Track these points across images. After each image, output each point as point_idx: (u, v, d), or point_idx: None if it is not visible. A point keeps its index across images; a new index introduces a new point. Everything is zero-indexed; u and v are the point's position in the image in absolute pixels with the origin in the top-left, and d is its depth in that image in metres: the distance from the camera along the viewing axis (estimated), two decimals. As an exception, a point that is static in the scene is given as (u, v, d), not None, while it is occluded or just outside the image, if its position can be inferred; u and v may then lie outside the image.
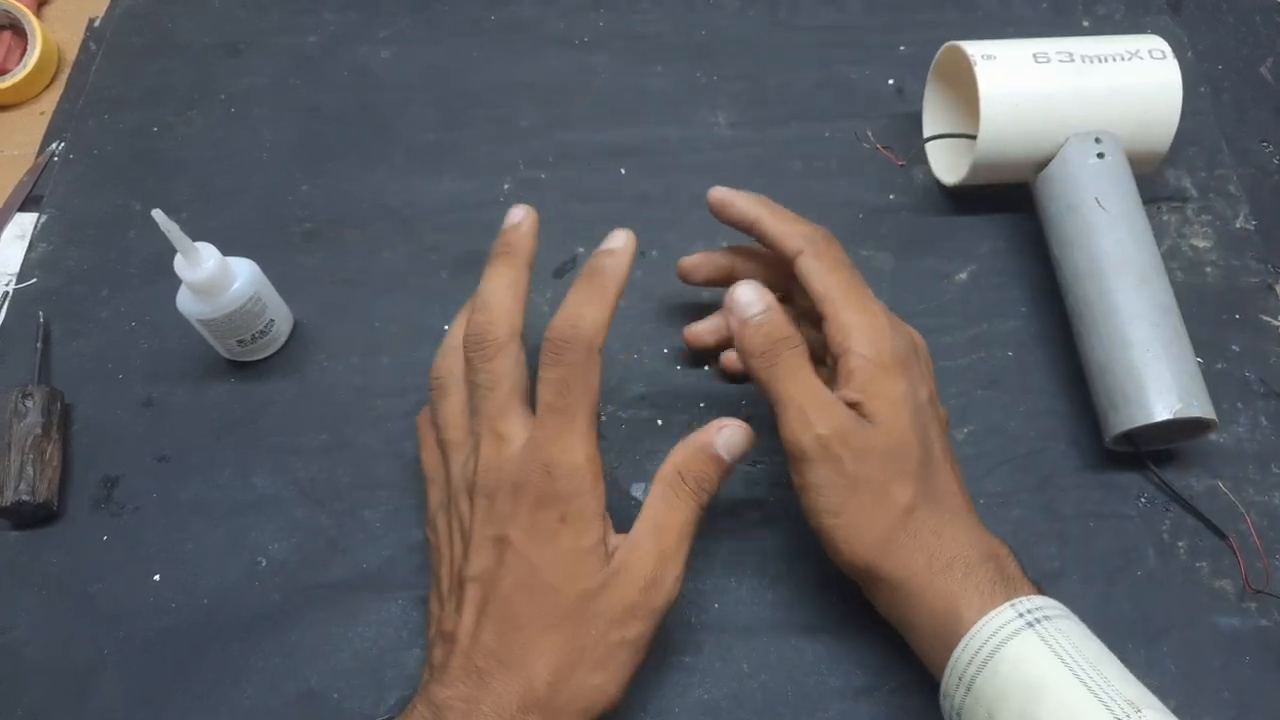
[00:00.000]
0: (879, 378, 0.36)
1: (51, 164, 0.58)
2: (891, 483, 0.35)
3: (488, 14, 0.63)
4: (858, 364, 0.36)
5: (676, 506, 0.34)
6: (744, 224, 0.41)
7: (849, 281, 0.38)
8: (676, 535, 0.34)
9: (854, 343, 0.36)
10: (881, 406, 0.35)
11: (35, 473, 0.44)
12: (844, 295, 0.37)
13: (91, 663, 0.42)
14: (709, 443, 0.34)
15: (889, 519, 0.35)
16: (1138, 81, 0.49)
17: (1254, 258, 0.53)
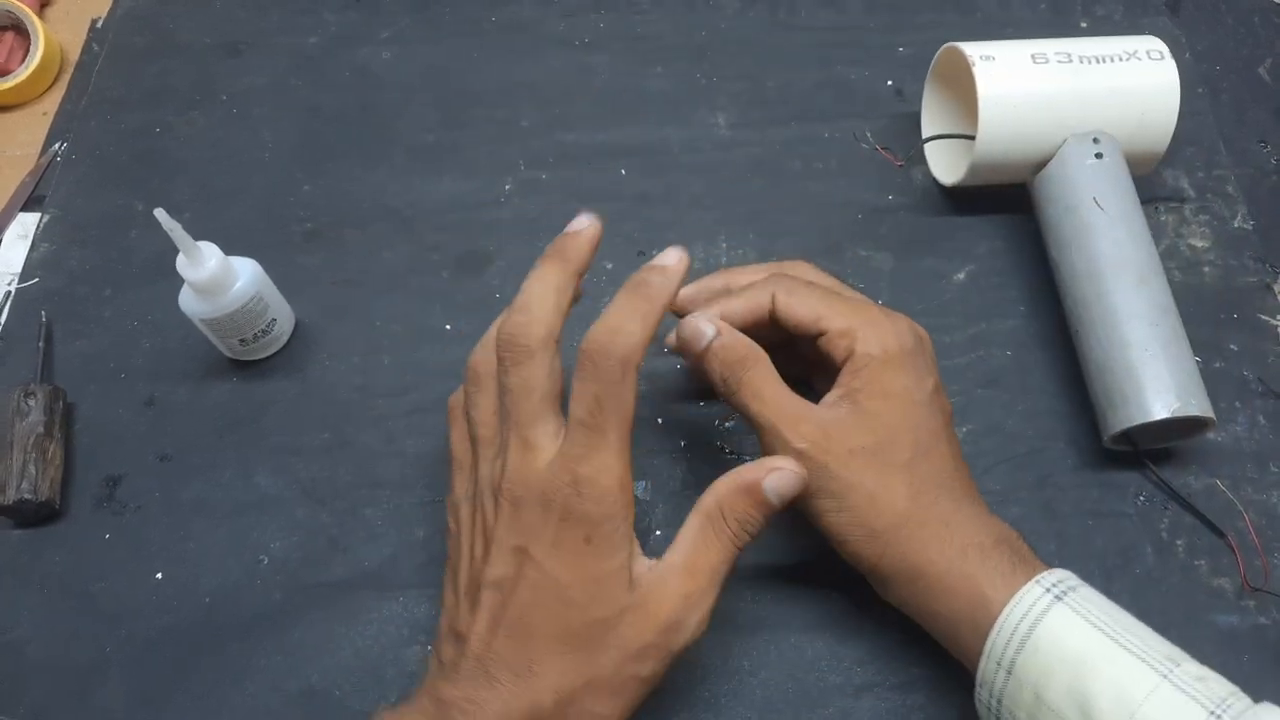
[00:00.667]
0: (882, 373, 0.36)
1: (54, 164, 0.58)
2: (886, 477, 0.35)
3: (488, 14, 0.63)
4: (864, 363, 0.36)
5: (713, 547, 0.32)
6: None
7: (827, 293, 0.39)
8: (708, 578, 0.32)
9: (859, 343, 0.36)
10: (874, 401, 0.36)
11: (37, 471, 0.45)
12: (829, 306, 0.38)
13: (93, 661, 0.42)
14: (757, 484, 0.32)
15: (891, 513, 0.35)
16: (1136, 82, 0.49)
17: (1252, 257, 0.53)
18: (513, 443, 0.33)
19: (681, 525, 0.33)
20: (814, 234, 0.53)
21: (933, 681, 0.41)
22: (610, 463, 0.31)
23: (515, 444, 0.33)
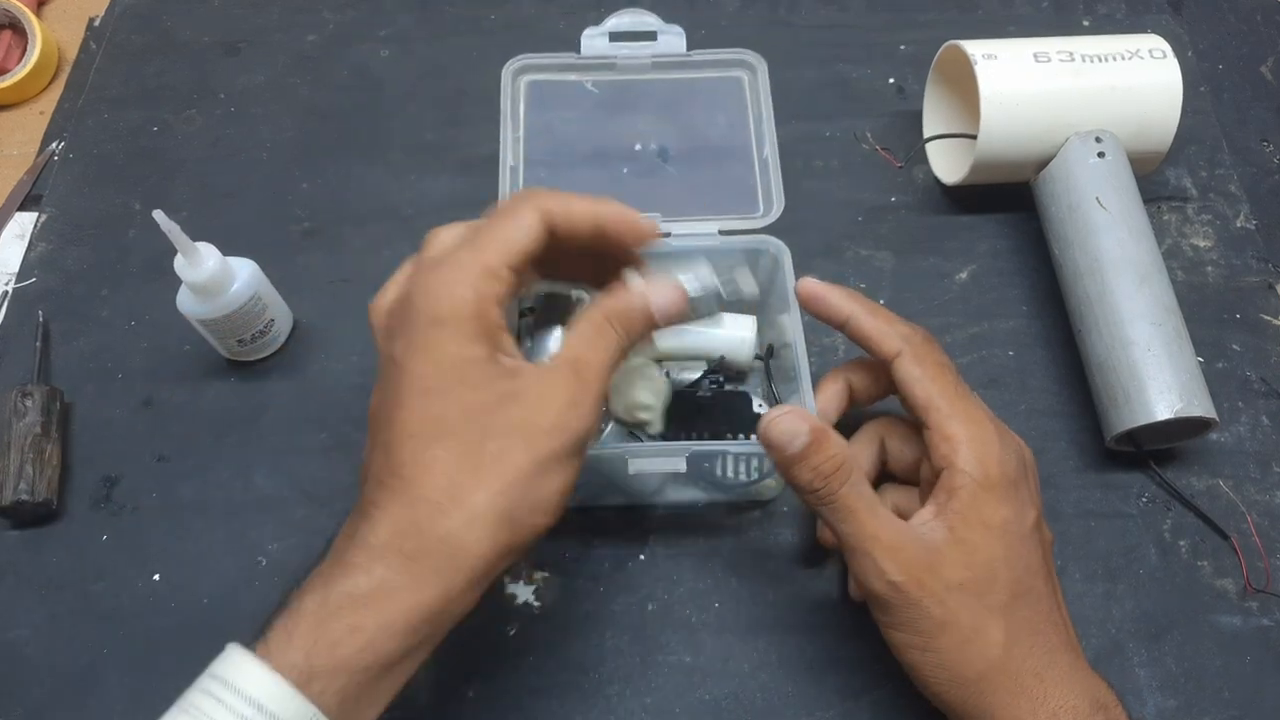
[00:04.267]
0: (983, 501, 0.33)
1: (51, 163, 0.58)
2: (982, 620, 0.32)
3: (488, 12, 0.63)
4: (962, 483, 0.33)
5: (599, 346, 0.31)
6: (836, 321, 0.38)
7: (954, 388, 0.35)
8: (595, 372, 0.31)
9: (960, 458, 0.33)
10: (976, 533, 0.33)
11: (35, 472, 0.44)
12: (949, 404, 0.35)
13: (92, 661, 0.42)
14: (644, 299, 0.32)
15: (982, 660, 0.32)
16: (1138, 81, 0.49)
17: (1254, 257, 0.53)
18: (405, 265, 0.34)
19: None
20: (815, 233, 0.53)
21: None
22: (465, 261, 0.30)
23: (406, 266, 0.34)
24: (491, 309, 0.30)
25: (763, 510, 0.45)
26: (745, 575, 0.43)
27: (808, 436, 0.32)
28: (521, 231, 0.31)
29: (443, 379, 0.29)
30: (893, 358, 0.36)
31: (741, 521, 0.45)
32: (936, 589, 0.32)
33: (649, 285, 0.33)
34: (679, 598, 0.43)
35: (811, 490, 0.33)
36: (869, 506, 0.33)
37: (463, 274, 0.30)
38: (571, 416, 0.30)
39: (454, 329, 0.29)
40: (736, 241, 0.45)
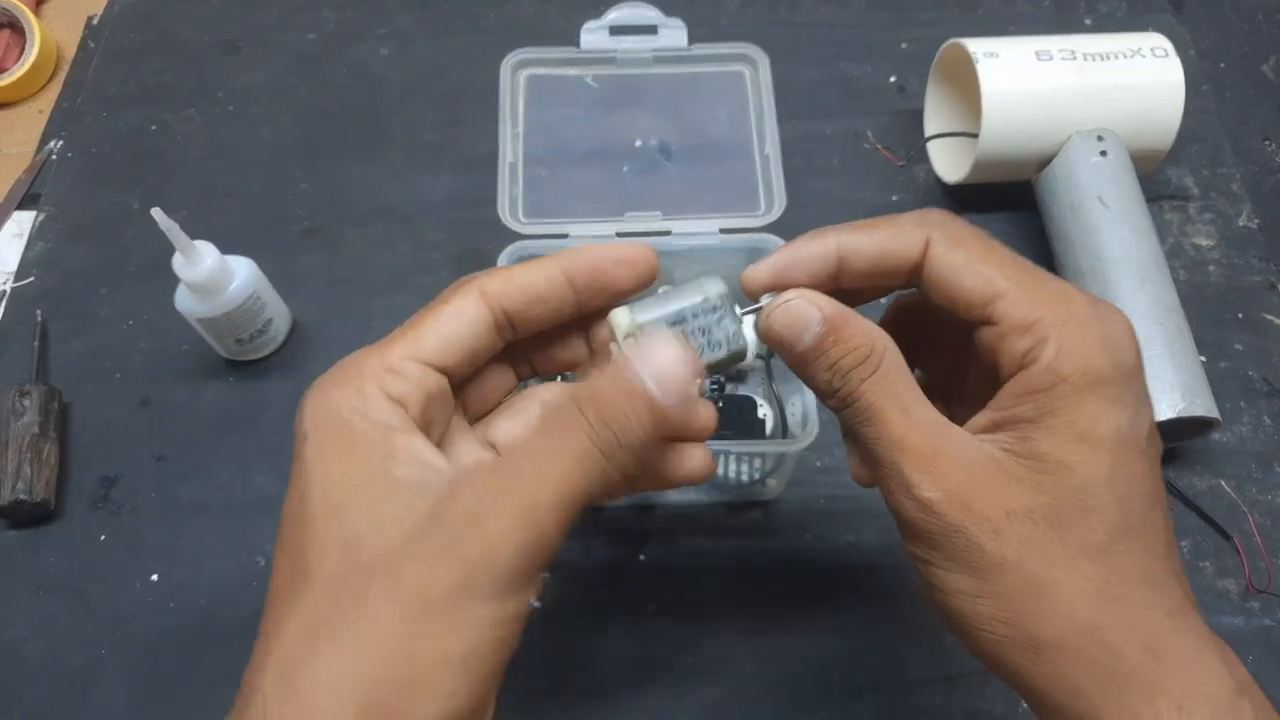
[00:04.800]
0: (1085, 404, 0.23)
1: (49, 162, 0.58)
2: (1064, 564, 0.23)
3: (487, 11, 0.63)
4: (1049, 381, 0.23)
5: (563, 453, 0.22)
6: (823, 278, 0.26)
7: (1015, 264, 0.25)
8: (550, 503, 0.22)
9: (1050, 352, 0.23)
10: (1067, 448, 0.23)
11: (33, 472, 0.44)
12: (1019, 285, 0.24)
13: (90, 662, 0.42)
14: (632, 371, 0.23)
15: (1063, 620, 0.22)
16: (1140, 79, 0.49)
17: (1257, 256, 0.53)
18: None
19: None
20: (815, 232, 0.53)
21: (937, 682, 0.40)
22: (360, 360, 0.24)
23: None
24: (378, 408, 0.23)
25: (763, 511, 0.45)
26: (746, 576, 0.43)
27: (820, 326, 0.24)
28: (449, 320, 0.25)
29: (307, 508, 0.23)
30: (920, 258, 0.25)
31: (742, 522, 0.45)
32: (991, 514, 0.23)
33: (639, 350, 0.23)
34: (679, 598, 0.43)
35: (833, 392, 0.25)
36: (900, 404, 0.24)
37: (349, 374, 0.24)
38: (486, 553, 0.21)
39: (326, 443, 0.23)
40: (737, 240, 0.45)
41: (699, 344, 0.25)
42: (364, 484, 0.23)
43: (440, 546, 0.21)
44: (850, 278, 0.26)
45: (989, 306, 0.24)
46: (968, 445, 0.24)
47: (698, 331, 0.26)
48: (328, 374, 0.25)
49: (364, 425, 0.23)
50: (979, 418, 0.25)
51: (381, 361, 0.24)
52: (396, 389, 0.24)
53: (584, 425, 0.22)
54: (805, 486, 0.45)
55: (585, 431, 0.22)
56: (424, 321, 0.25)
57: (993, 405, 0.25)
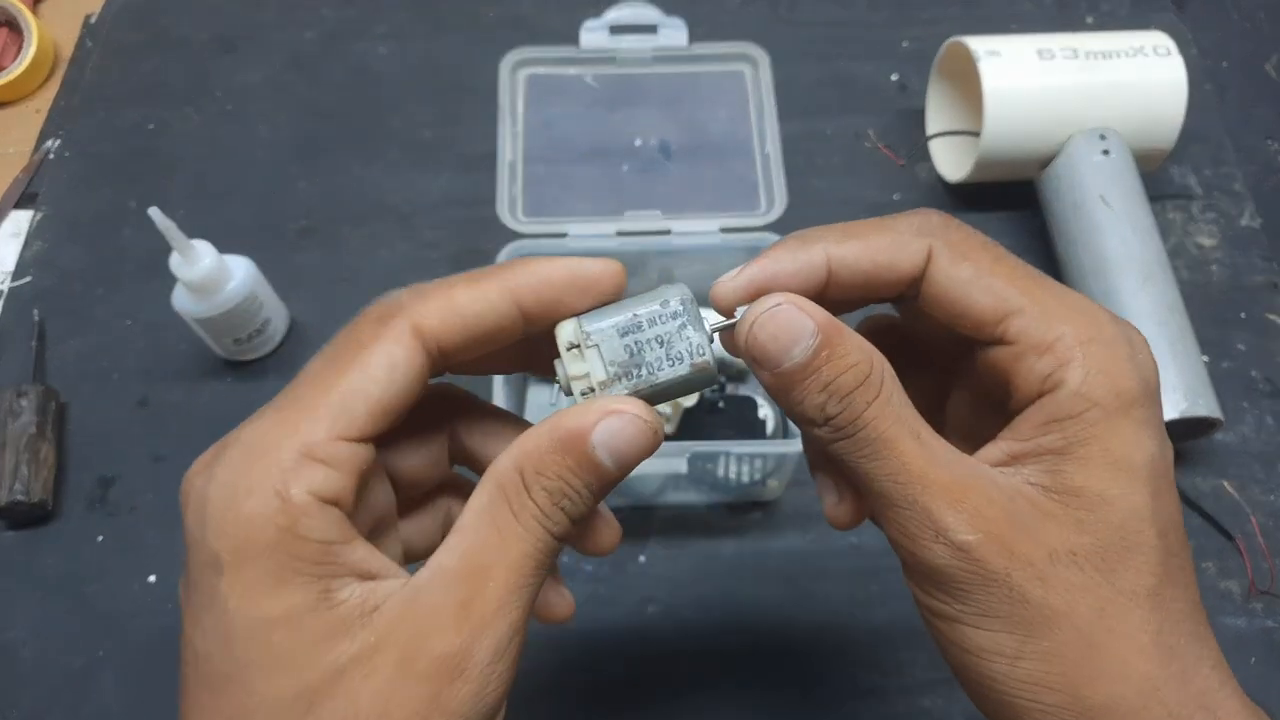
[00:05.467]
0: (1117, 430, 0.20)
1: (47, 161, 0.58)
2: (1117, 612, 0.20)
3: (486, 9, 0.63)
4: (1079, 408, 0.20)
5: (510, 533, 0.20)
6: (809, 286, 0.22)
7: (1027, 277, 0.22)
8: (503, 586, 0.20)
9: (1075, 374, 0.20)
10: (1102, 478, 0.20)
11: (30, 472, 0.44)
12: (1034, 300, 0.21)
13: (88, 663, 0.42)
14: (581, 434, 0.20)
15: (1120, 678, 0.20)
16: (1142, 78, 0.49)
17: (1259, 255, 0.53)
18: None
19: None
20: (816, 232, 0.53)
21: (938, 685, 0.40)
22: (267, 446, 0.19)
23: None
24: (312, 520, 0.19)
25: (764, 511, 0.45)
26: (746, 577, 0.43)
27: (813, 339, 0.20)
28: (379, 374, 0.20)
29: (229, 660, 0.19)
30: (920, 271, 0.22)
31: (742, 523, 0.45)
32: (1034, 557, 0.20)
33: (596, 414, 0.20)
34: (679, 599, 0.43)
35: (825, 419, 0.20)
36: (912, 432, 0.20)
37: (256, 475, 0.19)
38: (451, 692, 0.19)
39: (240, 574, 0.18)
40: (738, 240, 0.45)
41: (655, 357, 0.21)
42: (307, 621, 0.18)
43: (422, 700, 0.19)
44: (838, 291, 0.22)
45: (1002, 325, 0.21)
46: (995, 479, 0.21)
47: (654, 342, 0.21)
48: (225, 463, 0.19)
49: (297, 547, 0.18)
50: (991, 450, 0.22)
51: (300, 445, 0.19)
52: (329, 487, 0.19)
53: (534, 513, 0.20)
54: (806, 487, 0.45)
55: (538, 520, 0.20)
56: (346, 377, 0.20)
57: (1009, 436, 0.21)
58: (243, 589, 0.18)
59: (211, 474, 0.19)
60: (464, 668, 0.19)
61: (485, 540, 0.20)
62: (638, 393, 0.21)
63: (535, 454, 0.20)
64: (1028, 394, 0.21)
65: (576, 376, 0.21)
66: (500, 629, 0.20)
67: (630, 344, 0.21)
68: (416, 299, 0.21)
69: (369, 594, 0.19)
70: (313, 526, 0.19)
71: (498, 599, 0.20)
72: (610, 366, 0.21)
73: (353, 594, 0.19)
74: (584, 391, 0.21)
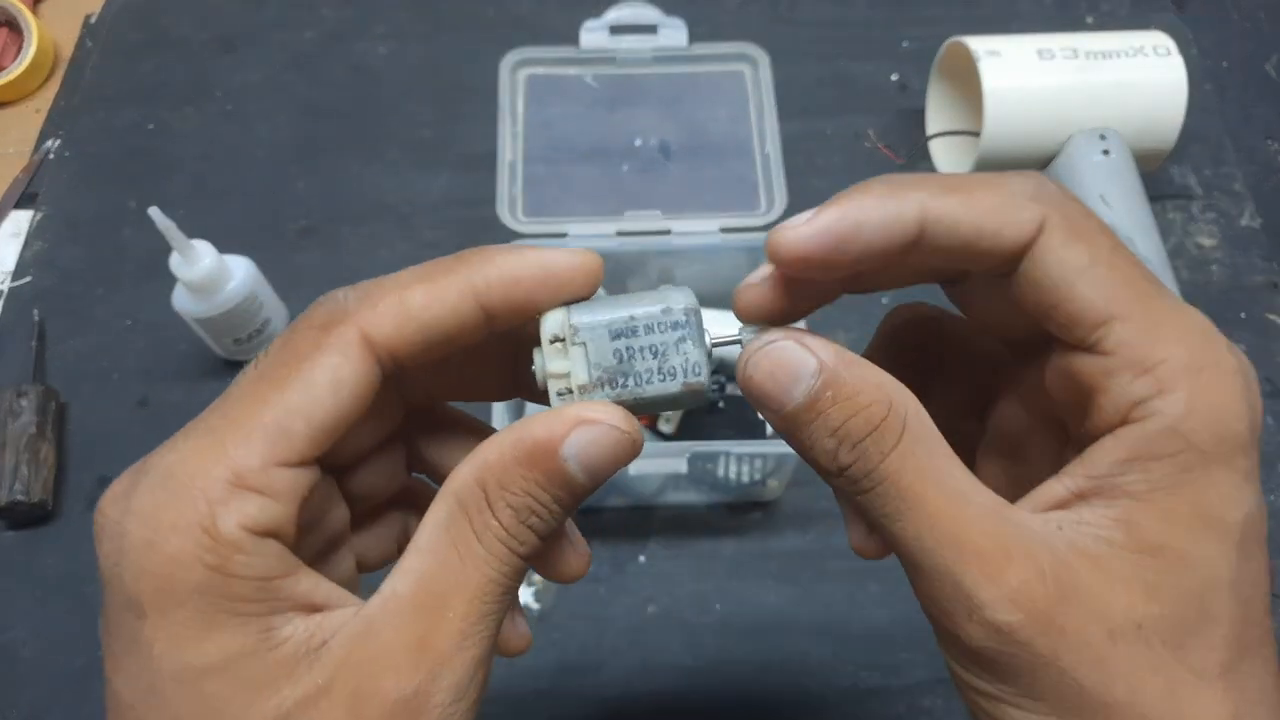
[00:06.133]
0: (1213, 481, 0.17)
1: (47, 161, 0.58)
2: (1188, 696, 0.17)
3: (486, 8, 0.63)
4: (1170, 446, 0.17)
5: (471, 556, 0.18)
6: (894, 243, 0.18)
7: (1143, 280, 0.18)
8: (464, 613, 0.18)
9: (1172, 404, 0.17)
10: (1186, 536, 0.17)
11: (30, 473, 0.44)
12: (1145, 308, 0.18)
13: (88, 664, 0.42)
14: (551, 445, 0.18)
15: None
16: (1143, 78, 0.49)
17: (1259, 255, 0.53)
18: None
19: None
20: (816, 232, 0.53)
21: (939, 685, 0.40)
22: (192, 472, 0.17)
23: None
24: (245, 556, 0.17)
25: (764, 511, 0.45)
26: (746, 577, 0.43)
27: (815, 379, 0.18)
28: (322, 391, 0.18)
29: (158, 712, 0.17)
30: (1027, 244, 0.18)
31: (742, 523, 0.45)
32: (1091, 636, 0.17)
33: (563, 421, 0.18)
34: (679, 600, 0.43)
35: (839, 470, 0.18)
36: (941, 484, 0.18)
37: (180, 508, 0.17)
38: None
39: (164, 618, 0.16)
40: (738, 240, 0.45)
41: (645, 368, 0.19)
42: (244, 666, 0.17)
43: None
44: (923, 256, 0.18)
45: (1101, 330, 0.18)
46: (1046, 539, 0.17)
47: (647, 351, 0.19)
48: (143, 493, 0.17)
49: (229, 587, 0.16)
50: (1054, 486, 0.18)
51: (230, 473, 0.17)
52: (265, 518, 0.17)
53: (498, 532, 0.18)
54: (806, 487, 0.45)
55: (502, 540, 0.18)
56: (284, 394, 0.17)
57: (1080, 471, 0.18)
58: (168, 635, 0.16)
59: (129, 505, 0.17)
60: (421, 710, 0.17)
61: (443, 564, 0.18)
62: (619, 403, 0.19)
63: (499, 466, 0.18)
64: (1109, 419, 0.18)
65: (555, 375, 0.19)
66: (461, 666, 0.17)
67: (621, 348, 0.19)
68: (364, 303, 0.18)
69: (315, 628, 0.17)
70: (247, 563, 0.16)
71: (458, 631, 0.17)
72: (594, 370, 0.19)
73: (296, 630, 0.17)
74: (560, 392, 0.19)
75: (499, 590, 0.18)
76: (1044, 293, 0.18)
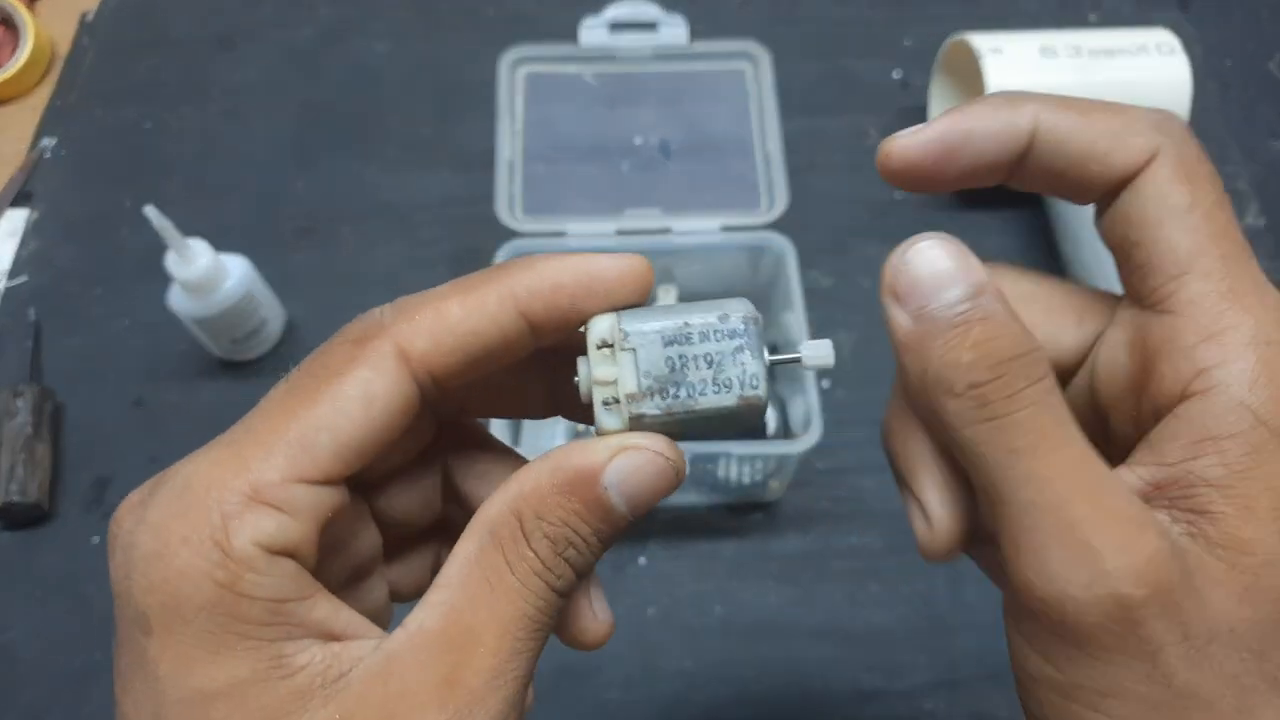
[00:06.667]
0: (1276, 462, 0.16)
1: (43, 160, 0.57)
2: (1262, 702, 0.16)
3: (485, 7, 0.63)
4: (1238, 426, 0.16)
5: (504, 588, 0.17)
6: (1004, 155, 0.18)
7: (1233, 237, 0.17)
8: (495, 649, 0.17)
9: (1235, 377, 0.16)
10: (1273, 529, 0.16)
11: (26, 473, 0.44)
12: (1227, 269, 0.17)
13: (86, 665, 0.41)
14: (592, 473, 0.17)
15: None
16: (1146, 76, 0.48)
17: (1264, 255, 0.52)
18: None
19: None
20: (819, 230, 0.52)
21: (941, 687, 0.40)
22: (210, 485, 0.16)
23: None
24: (258, 576, 0.16)
25: (765, 513, 0.45)
26: (747, 579, 0.43)
27: (969, 288, 0.16)
28: (352, 407, 0.17)
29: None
30: (1134, 175, 0.17)
31: (743, 524, 0.44)
32: (1196, 631, 0.16)
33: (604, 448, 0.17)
34: (680, 602, 0.42)
35: (969, 386, 0.16)
36: (1077, 439, 0.16)
37: (192, 520, 0.16)
38: None
39: (171, 637, 0.16)
40: (739, 239, 0.45)
41: (699, 379, 0.18)
42: (253, 693, 0.16)
43: None
44: (1031, 173, 0.18)
45: (1176, 283, 0.17)
46: (1159, 523, 0.16)
47: (701, 360, 0.18)
48: (157, 503, 0.16)
49: (239, 607, 0.16)
50: (1123, 476, 0.17)
51: (248, 486, 0.16)
52: (281, 536, 0.16)
53: (534, 564, 0.17)
54: (807, 488, 0.45)
55: (538, 573, 0.17)
56: (312, 409, 0.17)
57: (1150, 458, 0.17)
58: (175, 655, 0.16)
59: (143, 516, 0.16)
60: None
61: (474, 597, 0.17)
62: (670, 416, 0.17)
63: (535, 495, 0.17)
64: (1170, 390, 0.17)
65: (602, 381, 0.17)
66: (494, 705, 0.16)
67: (673, 356, 0.17)
68: (401, 317, 0.18)
69: (333, 659, 0.16)
70: (259, 582, 0.16)
71: (489, 668, 0.16)
72: (644, 378, 0.17)
73: (313, 659, 0.16)
74: (606, 401, 0.17)
75: (533, 626, 0.17)
76: (1133, 227, 0.17)
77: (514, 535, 0.17)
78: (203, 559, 0.15)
